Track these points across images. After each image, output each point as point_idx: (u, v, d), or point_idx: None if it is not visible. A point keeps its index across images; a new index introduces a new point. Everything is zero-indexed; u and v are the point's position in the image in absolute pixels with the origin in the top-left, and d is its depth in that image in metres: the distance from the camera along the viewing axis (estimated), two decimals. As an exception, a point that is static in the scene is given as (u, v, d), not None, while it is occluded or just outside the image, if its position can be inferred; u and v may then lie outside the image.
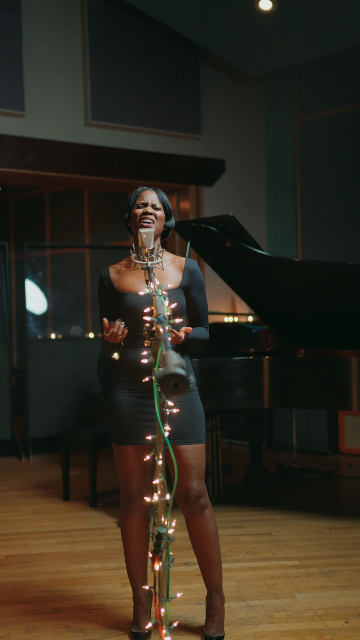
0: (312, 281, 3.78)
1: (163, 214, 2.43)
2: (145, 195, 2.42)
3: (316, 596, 2.76)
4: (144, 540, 2.49)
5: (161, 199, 2.45)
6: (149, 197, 2.42)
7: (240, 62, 6.44)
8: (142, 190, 2.45)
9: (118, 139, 6.29)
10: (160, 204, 2.43)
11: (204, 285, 2.48)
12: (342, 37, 5.96)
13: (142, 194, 2.43)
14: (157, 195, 2.44)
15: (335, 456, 5.54)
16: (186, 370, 1.48)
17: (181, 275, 2.42)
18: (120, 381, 2.43)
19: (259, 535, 3.57)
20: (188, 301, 2.44)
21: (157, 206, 2.42)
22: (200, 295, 2.47)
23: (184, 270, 2.43)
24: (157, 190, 2.46)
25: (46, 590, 2.91)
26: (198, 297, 2.46)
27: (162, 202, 2.44)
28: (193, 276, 2.44)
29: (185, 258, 2.47)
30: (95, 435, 4.23)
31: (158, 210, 2.42)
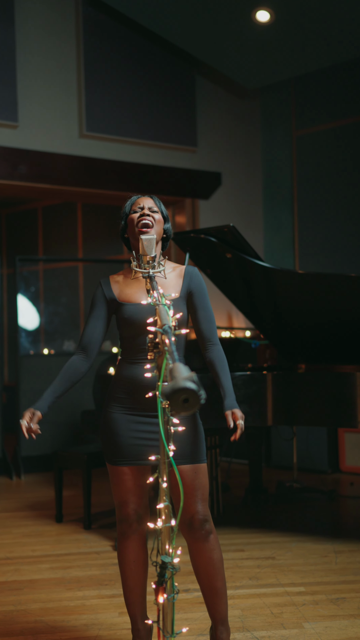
0: (315, 294, 3.66)
1: (161, 217, 2.31)
2: (141, 201, 2.32)
3: (325, 626, 2.60)
4: (142, 567, 2.33)
5: (157, 204, 2.34)
6: (145, 202, 2.31)
7: (236, 74, 6.37)
8: (137, 198, 2.35)
9: (113, 151, 6.18)
10: (157, 209, 2.31)
11: (206, 291, 2.34)
12: (339, 49, 5.91)
13: (138, 200, 2.33)
14: (153, 201, 2.33)
15: (336, 475, 5.39)
16: (197, 384, 1.34)
17: (181, 282, 2.29)
18: (116, 398, 2.28)
19: (262, 559, 3.41)
20: (192, 309, 2.30)
21: (154, 209, 2.31)
22: (203, 300, 2.31)
23: (183, 277, 2.30)
24: (153, 197, 2.36)
25: (38, 620, 2.74)
26: (201, 303, 2.30)
27: (159, 207, 2.33)
28: (193, 280, 2.30)
29: (184, 266, 2.35)
30: (90, 454, 4.06)
31: (156, 213, 2.30)
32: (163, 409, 1.75)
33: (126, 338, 2.26)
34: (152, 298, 1.88)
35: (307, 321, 3.86)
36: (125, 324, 2.25)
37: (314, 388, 3.32)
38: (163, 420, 1.75)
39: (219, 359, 2.33)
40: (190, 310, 2.32)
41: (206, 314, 2.33)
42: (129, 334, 2.23)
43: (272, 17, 5.56)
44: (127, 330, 2.25)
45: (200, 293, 2.31)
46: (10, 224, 9.22)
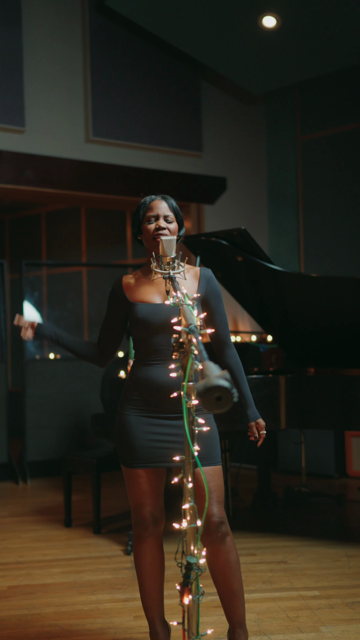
0: (325, 297, 3.66)
1: (176, 225, 2.29)
2: (155, 207, 2.27)
3: (343, 630, 2.59)
4: (159, 569, 2.32)
5: (172, 207, 2.30)
6: (160, 208, 2.26)
7: (242, 79, 6.40)
8: (150, 201, 2.30)
9: (119, 155, 6.20)
10: (172, 214, 2.28)
11: (220, 294, 2.33)
12: (344, 55, 5.93)
13: (152, 205, 2.28)
14: (167, 204, 2.29)
15: (343, 479, 5.38)
16: (230, 382, 1.34)
17: (197, 284, 2.28)
18: (131, 400, 2.27)
19: (274, 563, 3.40)
20: (207, 312, 2.30)
21: (170, 218, 2.27)
22: (219, 304, 2.32)
23: (199, 279, 2.29)
24: (167, 198, 2.31)
25: (53, 624, 2.72)
26: (217, 306, 2.30)
27: (174, 211, 2.30)
28: (210, 284, 2.30)
29: (199, 267, 2.34)
30: (100, 458, 4.05)
31: (171, 223, 2.27)
32: (188, 410, 1.75)
33: (140, 339, 2.24)
34: (174, 298, 1.87)
35: (316, 324, 3.86)
36: (139, 324, 2.23)
37: (327, 391, 3.31)
38: (188, 420, 1.74)
39: (236, 365, 2.34)
40: (206, 313, 2.31)
41: (222, 318, 2.33)
42: (143, 335, 2.22)
43: (279, 23, 5.58)
44: (141, 331, 2.23)
45: (216, 296, 2.31)
46: (13, 230, 9.23)
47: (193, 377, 1.75)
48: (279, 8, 5.45)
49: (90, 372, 5.89)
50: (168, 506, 3.65)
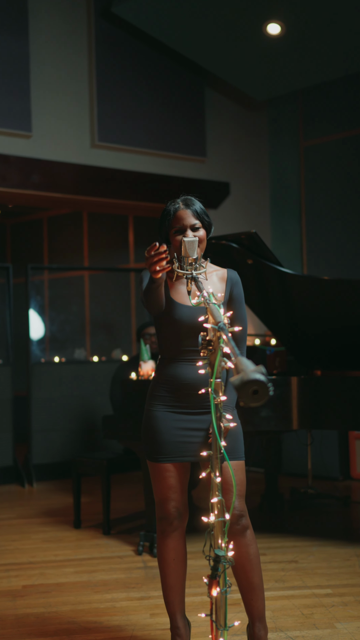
0: (335, 300, 3.71)
1: (204, 231, 2.28)
2: (180, 218, 2.24)
3: (358, 626, 2.63)
4: (182, 564, 2.35)
5: (197, 213, 2.26)
6: (185, 219, 2.24)
7: (246, 86, 6.47)
8: (175, 211, 2.26)
9: (124, 160, 6.25)
10: (199, 222, 2.26)
11: (243, 298, 2.37)
12: (347, 61, 6.01)
13: (177, 216, 2.25)
14: (191, 212, 2.25)
15: (347, 482, 5.42)
16: (266, 376, 1.38)
17: (224, 286, 2.32)
18: (158, 396, 2.31)
19: (285, 562, 3.43)
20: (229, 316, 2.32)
21: (197, 226, 2.25)
22: (241, 308, 2.35)
23: (226, 281, 2.33)
24: (190, 205, 2.26)
25: (71, 622, 2.75)
26: (239, 312, 2.34)
27: (199, 217, 2.27)
28: (236, 287, 2.34)
29: (226, 269, 2.37)
30: (110, 460, 4.08)
31: (198, 229, 2.26)
32: (215, 405, 1.79)
33: (171, 338, 2.28)
34: (200, 297, 1.91)
35: (324, 327, 3.91)
36: (171, 322, 2.26)
37: (338, 392, 3.36)
38: (216, 416, 1.79)
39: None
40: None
41: (241, 324, 2.32)
42: (175, 333, 2.26)
43: (283, 30, 5.65)
44: (171, 329, 2.26)
45: (239, 302, 2.33)
46: (15, 235, 9.26)
47: (220, 374, 1.80)
48: (283, 15, 5.53)
49: (96, 375, 5.92)
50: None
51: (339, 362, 4.10)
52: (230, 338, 1.63)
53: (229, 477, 2.21)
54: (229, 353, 1.72)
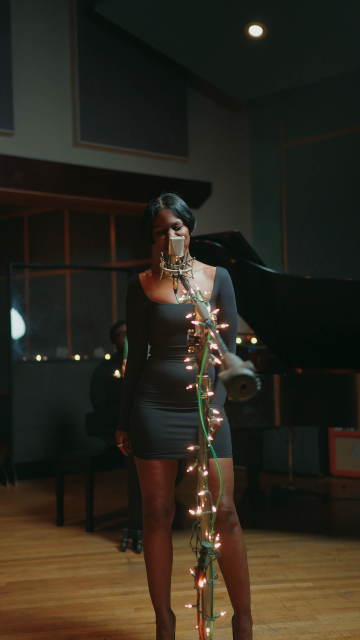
0: (317, 299, 3.77)
1: (186, 229, 2.31)
2: (161, 218, 2.27)
3: (338, 618, 2.69)
4: (168, 560, 2.39)
5: (177, 212, 2.28)
6: (166, 219, 2.27)
7: (227, 86, 6.52)
8: (155, 212, 2.29)
9: (106, 160, 6.27)
10: (180, 221, 2.29)
11: (234, 296, 2.39)
12: (328, 64, 6.09)
13: (159, 215, 2.28)
14: (172, 211, 2.28)
15: (327, 478, 5.50)
16: (254, 371, 1.42)
17: (212, 284, 2.35)
18: (146, 393, 2.34)
19: (267, 557, 3.49)
20: (218, 313, 2.36)
21: (178, 225, 2.28)
22: (230, 306, 2.38)
23: (214, 279, 2.36)
24: (170, 204, 2.29)
25: (56, 617, 2.78)
26: (228, 309, 2.37)
27: (180, 215, 2.30)
28: (224, 285, 2.36)
29: (216, 267, 2.40)
30: (93, 458, 4.10)
31: (180, 229, 2.29)
32: (203, 401, 1.83)
33: (158, 336, 2.31)
34: (187, 295, 1.95)
35: (304, 325, 3.97)
36: (157, 322, 2.29)
37: (320, 389, 3.42)
38: (203, 411, 1.83)
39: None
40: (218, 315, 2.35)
41: (230, 321, 2.35)
42: (163, 332, 2.29)
43: (265, 32, 5.71)
44: (161, 329, 2.29)
45: (229, 299, 2.35)
46: (-4, 233, 9.22)
47: (208, 370, 1.83)
48: (265, 18, 5.59)
49: (77, 374, 5.93)
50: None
51: (319, 361, 4.17)
52: (218, 335, 1.67)
53: (216, 473, 2.25)
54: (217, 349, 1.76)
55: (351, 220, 6.27)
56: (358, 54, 5.88)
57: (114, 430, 3.64)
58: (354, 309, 3.79)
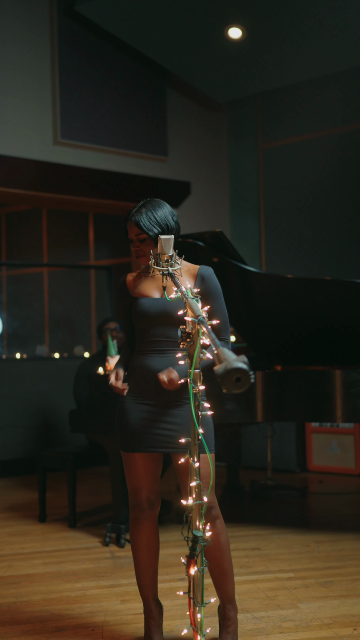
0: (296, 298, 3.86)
1: (150, 241, 2.34)
2: (129, 231, 2.38)
3: (319, 606, 2.77)
4: (154, 551, 2.45)
5: (142, 226, 2.33)
6: (131, 232, 2.37)
7: (206, 87, 6.59)
8: (126, 220, 2.39)
9: (86, 158, 6.29)
10: (143, 233, 2.34)
11: (219, 293, 2.42)
12: (305, 68, 6.20)
13: (127, 225, 2.38)
14: (135, 227, 2.34)
15: (304, 474, 5.61)
16: (247, 364, 1.49)
17: (193, 282, 2.41)
18: (129, 388, 2.40)
19: (248, 550, 3.56)
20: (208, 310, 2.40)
21: (142, 237, 2.35)
22: (215, 302, 2.41)
23: (196, 277, 2.42)
24: (136, 220, 2.33)
25: (43, 610, 2.81)
26: (215, 305, 2.40)
27: (144, 230, 2.33)
28: (205, 282, 2.39)
29: (199, 266, 2.45)
30: (76, 455, 4.14)
31: (143, 240, 2.35)
32: (194, 395, 1.89)
33: (139, 330, 2.38)
34: (177, 292, 2.01)
35: (284, 324, 4.06)
36: (137, 317, 2.37)
37: (301, 386, 3.50)
38: (194, 405, 1.89)
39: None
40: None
41: (219, 317, 2.38)
42: (142, 326, 2.36)
43: (244, 35, 5.79)
44: (140, 323, 2.37)
45: (215, 295, 2.38)
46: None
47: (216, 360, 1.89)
48: (244, 20, 5.67)
49: (56, 372, 5.95)
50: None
51: (298, 358, 4.26)
52: (211, 330, 1.73)
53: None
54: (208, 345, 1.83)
55: (328, 221, 6.39)
56: (336, 57, 6.00)
57: (99, 426, 3.69)
58: (332, 308, 3.88)
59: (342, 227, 6.30)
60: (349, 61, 6.07)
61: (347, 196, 6.30)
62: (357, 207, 6.21)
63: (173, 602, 2.84)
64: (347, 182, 6.31)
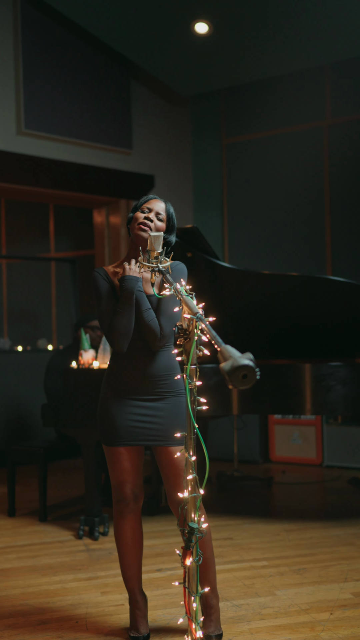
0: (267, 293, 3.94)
1: (164, 226, 2.44)
2: (153, 203, 2.45)
3: (295, 592, 2.87)
4: (139, 543, 2.49)
5: (167, 210, 2.46)
6: (157, 205, 2.44)
7: (171, 80, 6.60)
8: (152, 198, 2.47)
9: (50, 149, 6.22)
10: (164, 216, 2.45)
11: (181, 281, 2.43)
12: (269, 64, 6.28)
13: (152, 200, 2.46)
14: (164, 206, 2.46)
15: (267, 464, 5.73)
16: (254, 361, 1.54)
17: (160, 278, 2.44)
18: (112, 383, 2.44)
19: (221, 540, 3.64)
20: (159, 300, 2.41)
21: (161, 216, 2.44)
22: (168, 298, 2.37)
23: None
24: (167, 202, 2.49)
25: (24, 603, 2.82)
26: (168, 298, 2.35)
27: (168, 214, 2.46)
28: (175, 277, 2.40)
29: (174, 262, 2.48)
30: (46, 448, 4.13)
31: (160, 221, 2.43)
32: (190, 390, 1.93)
33: None
34: (171, 290, 2.04)
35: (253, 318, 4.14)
36: None
37: (272, 379, 3.59)
38: (190, 399, 1.93)
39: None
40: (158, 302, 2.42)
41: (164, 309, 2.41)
42: None
43: (210, 30, 5.83)
44: None
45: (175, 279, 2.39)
46: None
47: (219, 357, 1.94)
48: (211, 15, 5.70)
49: (20, 365, 5.89)
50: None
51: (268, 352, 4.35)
52: (210, 327, 1.78)
53: (177, 462, 2.36)
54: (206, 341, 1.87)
55: (291, 216, 6.51)
56: (300, 54, 6.10)
57: (73, 420, 3.69)
58: (298, 302, 3.98)
59: (305, 223, 6.43)
60: (312, 59, 6.18)
61: (309, 192, 6.43)
62: (320, 202, 6.35)
63: (152, 592, 2.88)
64: (309, 178, 6.44)
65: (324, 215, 6.33)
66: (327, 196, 6.32)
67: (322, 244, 6.33)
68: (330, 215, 6.30)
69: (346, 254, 6.22)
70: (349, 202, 6.22)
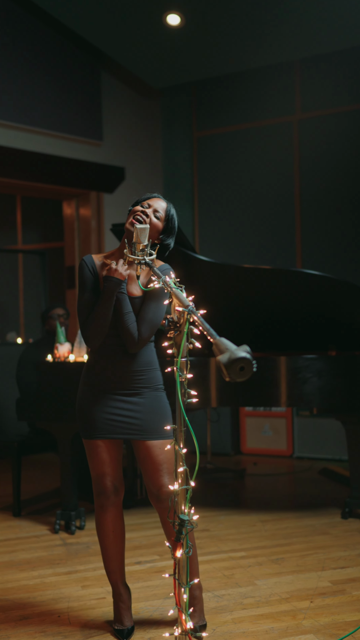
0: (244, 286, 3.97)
1: (160, 224, 2.41)
2: (154, 200, 2.42)
3: (275, 582, 2.90)
4: (120, 536, 2.49)
5: (168, 211, 2.42)
6: (157, 203, 2.41)
7: (142, 72, 6.56)
8: (154, 196, 2.44)
9: (17, 139, 6.12)
10: (163, 214, 2.41)
11: (161, 295, 2.38)
12: (240, 58, 6.29)
13: (153, 198, 2.43)
14: (165, 206, 2.43)
15: (238, 456, 5.78)
16: (250, 354, 1.55)
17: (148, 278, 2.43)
18: (90, 377, 2.43)
19: (199, 531, 3.66)
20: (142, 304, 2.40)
21: (159, 215, 2.40)
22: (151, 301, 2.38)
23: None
24: (169, 203, 2.46)
25: (3, 599, 2.79)
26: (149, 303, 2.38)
27: (167, 215, 2.42)
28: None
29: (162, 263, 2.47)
30: (20, 442, 4.08)
31: (157, 219, 2.40)
32: (181, 383, 1.93)
33: None
34: (161, 283, 2.03)
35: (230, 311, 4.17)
36: None
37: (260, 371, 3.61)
38: (180, 392, 1.93)
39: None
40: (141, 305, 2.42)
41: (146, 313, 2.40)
42: None
43: (182, 22, 5.81)
44: None
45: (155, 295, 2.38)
46: None
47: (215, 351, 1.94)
48: (183, 7, 5.68)
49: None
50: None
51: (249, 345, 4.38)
52: (203, 320, 1.78)
53: (155, 455, 2.37)
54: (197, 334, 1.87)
55: (262, 209, 6.55)
56: (272, 48, 6.13)
57: (48, 414, 3.66)
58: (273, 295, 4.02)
59: (275, 216, 6.48)
60: (283, 54, 6.22)
61: (280, 186, 6.47)
62: (290, 196, 6.40)
63: (133, 585, 2.88)
64: (280, 172, 6.49)
65: (294, 209, 6.38)
66: (297, 190, 6.38)
67: (292, 237, 6.39)
68: (300, 208, 6.36)
69: (316, 247, 6.29)
70: (319, 196, 6.29)
